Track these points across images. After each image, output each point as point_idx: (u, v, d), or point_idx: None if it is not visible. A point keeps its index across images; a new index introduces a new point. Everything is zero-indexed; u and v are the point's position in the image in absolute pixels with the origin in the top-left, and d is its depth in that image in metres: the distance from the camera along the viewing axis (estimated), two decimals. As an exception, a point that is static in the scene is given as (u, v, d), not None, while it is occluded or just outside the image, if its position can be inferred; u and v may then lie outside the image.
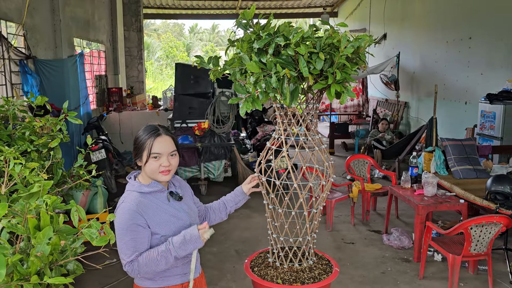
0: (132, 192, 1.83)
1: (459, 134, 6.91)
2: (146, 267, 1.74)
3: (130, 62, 10.90)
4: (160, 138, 1.82)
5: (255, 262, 2.63)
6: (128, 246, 1.73)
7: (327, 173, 2.46)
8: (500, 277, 3.82)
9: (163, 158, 1.82)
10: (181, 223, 1.86)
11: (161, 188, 1.87)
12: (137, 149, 1.84)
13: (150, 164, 1.81)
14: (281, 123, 2.41)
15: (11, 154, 1.55)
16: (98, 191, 4.97)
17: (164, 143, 1.83)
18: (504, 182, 3.97)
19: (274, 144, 2.45)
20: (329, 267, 2.55)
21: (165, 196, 1.89)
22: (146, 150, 1.80)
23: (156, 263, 1.75)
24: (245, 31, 2.14)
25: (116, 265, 4.13)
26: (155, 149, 1.80)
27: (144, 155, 1.81)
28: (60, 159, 2.39)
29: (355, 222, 5.18)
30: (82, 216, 1.44)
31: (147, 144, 1.80)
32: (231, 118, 6.46)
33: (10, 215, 1.25)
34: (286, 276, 2.45)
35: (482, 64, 6.87)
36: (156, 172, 1.82)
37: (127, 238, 1.73)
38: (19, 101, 2.70)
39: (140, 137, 1.84)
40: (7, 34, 5.25)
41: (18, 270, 1.16)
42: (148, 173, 1.84)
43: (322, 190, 2.56)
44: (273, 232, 2.54)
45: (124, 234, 1.73)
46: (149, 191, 1.84)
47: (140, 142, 1.82)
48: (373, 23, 11.00)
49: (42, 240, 1.21)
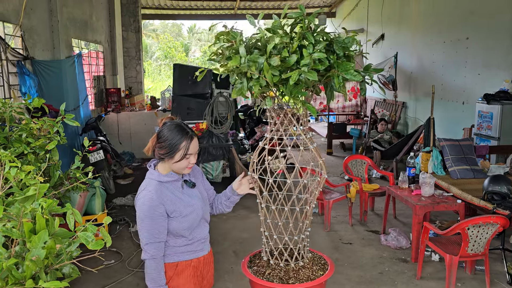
0: (152, 180, 2.01)
1: (456, 134, 6.92)
2: (149, 268, 1.98)
3: (129, 62, 10.89)
4: (194, 140, 2.01)
5: (252, 261, 2.64)
6: (147, 229, 1.94)
7: (320, 170, 2.46)
8: (498, 277, 3.83)
9: (192, 157, 2.02)
10: (193, 209, 2.06)
11: (177, 178, 2.06)
12: (169, 149, 1.97)
13: (182, 163, 2.00)
14: (274, 124, 2.41)
15: (6, 157, 1.55)
16: (96, 192, 4.96)
17: (195, 144, 2.03)
18: (501, 182, 3.98)
19: (268, 144, 2.45)
20: (324, 266, 2.56)
21: (179, 184, 2.07)
22: (182, 151, 1.97)
23: (153, 274, 1.99)
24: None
25: (115, 266, 4.13)
26: (190, 150, 1.99)
27: (178, 155, 1.97)
28: (57, 161, 2.39)
29: (353, 223, 5.19)
30: (78, 219, 1.44)
31: (183, 146, 1.97)
32: (229, 118, 6.46)
33: (5, 219, 1.25)
34: (281, 274, 2.46)
35: (479, 64, 6.89)
36: (184, 168, 2.02)
37: (147, 221, 1.94)
38: (16, 103, 2.70)
39: (174, 139, 1.97)
40: (5, 35, 5.24)
41: (13, 275, 1.16)
42: (175, 168, 2.02)
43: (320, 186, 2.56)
44: (266, 230, 2.55)
45: (144, 218, 1.94)
46: (167, 181, 2.02)
47: (175, 144, 1.97)
48: (371, 23, 11.01)
49: (38, 244, 1.21)
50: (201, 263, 2.15)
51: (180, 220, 2.01)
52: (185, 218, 2.02)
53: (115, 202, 5.97)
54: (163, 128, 2.01)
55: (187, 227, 2.04)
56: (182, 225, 2.01)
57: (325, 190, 5.34)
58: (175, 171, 2.05)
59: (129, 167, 7.86)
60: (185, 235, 2.05)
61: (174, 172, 2.05)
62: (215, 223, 5.19)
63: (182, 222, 2.01)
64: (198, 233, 2.11)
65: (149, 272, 1.98)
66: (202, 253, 2.15)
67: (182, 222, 2.01)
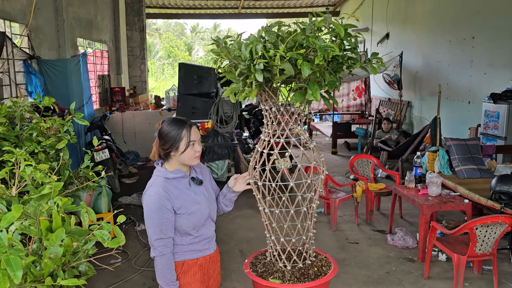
0: (158, 177, 2.03)
1: (462, 134, 6.90)
2: (159, 265, 1.98)
3: (133, 61, 10.91)
4: (193, 128, 2.04)
5: (256, 261, 2.64)
6: (154, 225, 1.95)
7: (323, 167, 2.45)
8: (505, 277, 3.82)
9: (196, 144, 2.04)
10: (200, 206, 2.07)
11: (184, 174, 2.07)
12: (172, 141, 1.99)
13: (189, 152, 2.01)
14: (268, 125, 2.37)
15: (22, 156, 1.56)
16: (102, 191, 4.97)
17: (196, 131, 2.05)
18: (508, 182, 3.97)
19: (265, 146, 2.41)
20: (328, 265, 2.55)
21: (187, 181, 2.08)
22: (185, 139, 1.99)
23: (163, 271, 1.99)
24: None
25: (122, 265, 4.14)
26: (192, 137, 2.01)
27: (182, 144, 1.99)
28: (67, 160, 2.40)
29: (359, 222, 5.18)
30: (92, 218, 1.45)
31: (184, 134, 2.00)
32: (235, 117, 6.46)
33: (23, 216, 1.26)
34: (285, 274, 2.46)
35: (485, 63, 6.86)
36: (192, 158, 2.04)
37: (154, 217, 1.95)
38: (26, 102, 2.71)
39: (174, 129, 2.00)
40: (11, 34, 5.26)
41: (32, 272, 1.16)
42: (184, 160, 2.03)
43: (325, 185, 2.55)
44: (272, 235, 2.53)
45: (152, 214, 1.95)
46: (173, 177, 2.03)
47: (176, 134, 1.99)
48: (375, 22, 10.99)
49: (55, 242, 1.21)
50: (207, 261, 2.16)
51: (186, 217, 2.02)
52: (192, 215, 2.03)
53: (121, 201, 5.98)
54: (162, 126, 2.06)
55: (194, 224, 2.05)
56: (189, 222, 2.03)
57: (331, 189, 5.34)
58: (185, 165, 2.07)
59: (134, 166, 7.87)
60: (191, 232, 2.06)
61: (181, 169, 2.06)
62: (221, 223, 5.20)
63: (189, 219, 2.02)
64: (204, 232, 2.12)
65: (159, 270, 1.99)
66: (208, 252, 2.16)
67: (189, 219, 2.02)
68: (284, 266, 2.50)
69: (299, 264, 2.50)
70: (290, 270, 2.49)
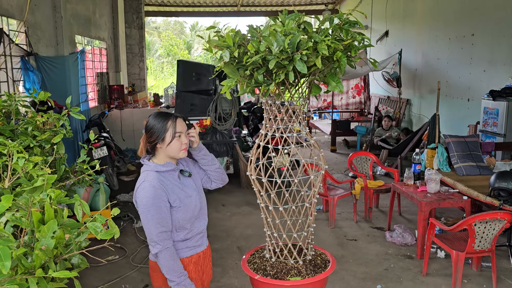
0: (149, 171, 2.00)
1: (461, 131, 6.88)
2: (165, 259, 1.94)
3: (132, 59, 10.88)
4: (178, 120, 2.02)
5: (254, 257, 2.63)
6: (154, 220, 1.92)
7: (322, 164, 2.44)
8: (504, 273, 3.80)
9: (182, 136, 2.02)
10: (192, 199, 2.07)
11: (174, 167, 2.05)
12: (158, 133, 1.98)
13: (174, 144, 2.00)
14: (271, 120, 2.38)
15: (14, 148, 1.54)
16: (100, 188, 4.96)
17: (182, 123, 2.04)
18: (507, 179, 3.95)
19: (264, 141, 2.42)
20: (326, 262, 2.54)
21: (176, 174, 2.07)
22: (170, 130, 1.98)
23: (170, 264, 1.96)
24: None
25: (119, 261, 4.12)
26: (178, 128, 2.00)
27: (168, 135, 1.98)
28: (63, 155, 2.38)
29: (358, 219, 5.17)
30: (86, 211, 1.43)
31: (170, 125, 1.99)
32: (233, 115, 6.44)
33: (14, 208, 1.24)
34: (282, 271, 2.44)
35: (484, 61, 6.84)
36: (179, 150, 2.02)
37: (153, 211, 1.92)
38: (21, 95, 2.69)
39: (159, 122, 2.00)
40: (9, 30, 5.23)
41: (23, 264, 1.15)
42: (171, 152, 2.01)
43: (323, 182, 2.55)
44: (272, 231, 2.53)
45: (149, 208, 1.92)
46: (165, 170, 2.01)
47: (161, 126, 1.99)
48: (375, 20, 10.96)
49: (47, 234, 1.20)
50: (201, 258, 2.17)
51: (181, 210, 2.01)
52: (186, 208, 2.03)
53: (119, 198, 5.96)
54: (148, 120, 2.06)
55: (189, 217, 2.05)
56: (184, 215, 2.02)
57: (330, 186, 5.32)
58: (171, 158, 2.04)
59: (132, 164, 7.85)
60: (186, 226, 2.05)
61: (170, 161, 2.05)
62: (219, 220, 5.19)
63: (184, 212, 2.02)
64: (197, 226, 2.13)
65: (166, 264, 1.95)
66: (201, 248, 2.17)
67: (184, 212, 2.02)
68: (295, 262, 2.48)
69: (299, 261, 2.49)
70: (284, 265, 2.48)
